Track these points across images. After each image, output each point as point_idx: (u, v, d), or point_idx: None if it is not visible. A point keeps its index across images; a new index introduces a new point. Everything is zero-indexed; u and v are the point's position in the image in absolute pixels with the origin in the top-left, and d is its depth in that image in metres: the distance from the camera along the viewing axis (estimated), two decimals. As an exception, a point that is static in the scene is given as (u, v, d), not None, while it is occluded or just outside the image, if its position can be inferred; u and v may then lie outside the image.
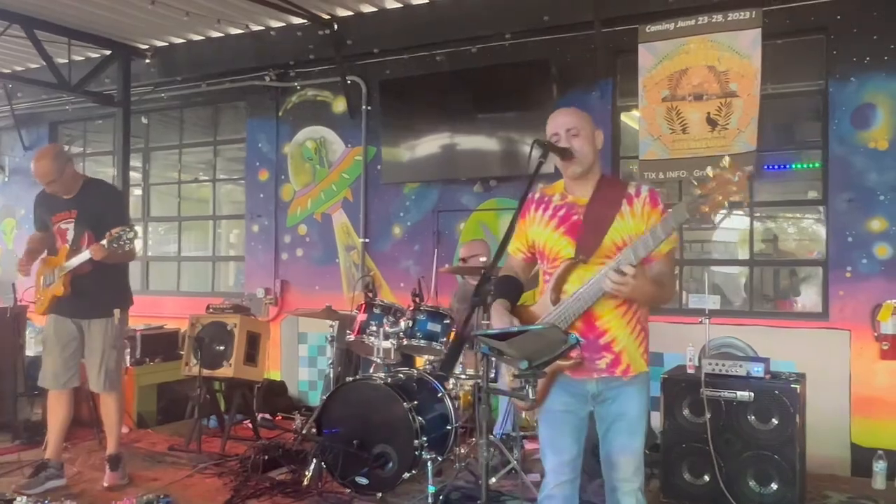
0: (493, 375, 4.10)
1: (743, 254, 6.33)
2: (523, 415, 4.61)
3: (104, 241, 4.18)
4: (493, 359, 2.33)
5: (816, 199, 5.63)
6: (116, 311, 4.50)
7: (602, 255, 2.55)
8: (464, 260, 5.35)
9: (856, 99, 5.15)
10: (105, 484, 4.48)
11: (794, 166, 5.80)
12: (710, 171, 2.26)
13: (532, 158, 2.49)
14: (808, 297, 6.12)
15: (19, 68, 7.99)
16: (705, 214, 2.30)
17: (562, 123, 2.69)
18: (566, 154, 2.64)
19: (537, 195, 2.76)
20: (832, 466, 4.95)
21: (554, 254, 2.65)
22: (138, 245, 4.48)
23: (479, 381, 2.11)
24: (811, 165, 5.63)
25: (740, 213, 6.00)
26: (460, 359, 4.02)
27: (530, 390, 2.14)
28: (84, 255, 4.28)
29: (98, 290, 4.42)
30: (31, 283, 4.79)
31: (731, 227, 6.52)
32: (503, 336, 2.01)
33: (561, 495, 2.68)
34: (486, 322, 2.17)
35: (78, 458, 5.02)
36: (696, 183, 2.33)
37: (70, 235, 4.46)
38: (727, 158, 2.29)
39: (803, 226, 7.12)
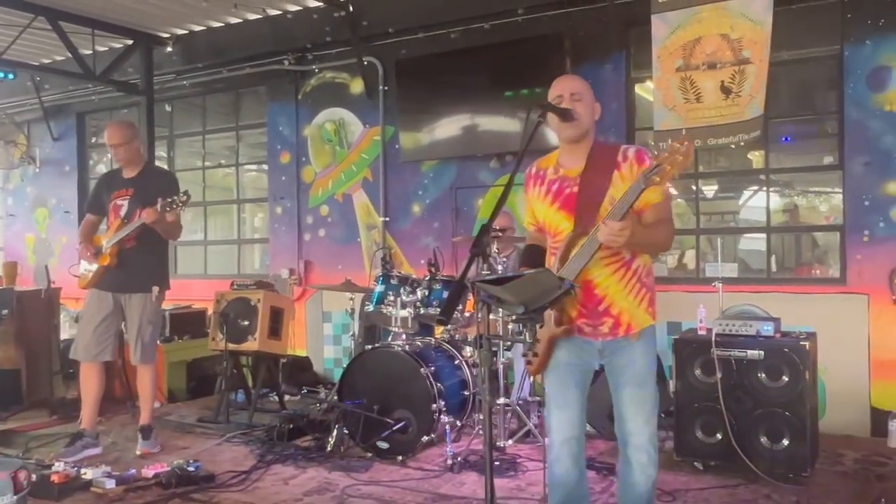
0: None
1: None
2: (538, 378, 4.70)
3: (157, 206, 4.43)
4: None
5: (833, 164, 5.61)
6: (155, 289, 4.69)
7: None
8: (502, 230, 5.30)
9: (871, 62, 5.13)
10: (138, 452, 4.67)
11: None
12: (670, 142, 2.38)
13: (529, 119, 2.55)
14: (828, 264, 6.11)
15: (46, 60, 8.22)
16: (658, 184, 2.42)
17: (566, 87, 2.73)
18: (567, 115, 2.66)
19: (534, 170, 2.83)
20: (852, 430, 4.98)
21: (553, 229, 2.72)
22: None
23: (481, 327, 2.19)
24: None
25: (762, 187, 5.98)
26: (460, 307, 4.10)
27: (527, 334, 2.23)
28: (136, 224, 4.51)
29: (140, 266, 4.64)
30: (65, 265, 5.00)
31: (758, 206, 6.50)
32: (499, 282, 2.10)
33: (569, 454, 2.71)
34: (487, 272, 2.25)
35: (112, 430, 5.22)
36: (654, 154, 2.46)
37: (124, 211, 4.69)
38: (683, 131, 2.40)
39: (821, 192, 7.08)
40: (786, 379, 3.93)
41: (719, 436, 4.04)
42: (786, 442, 3.91)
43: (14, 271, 6.64)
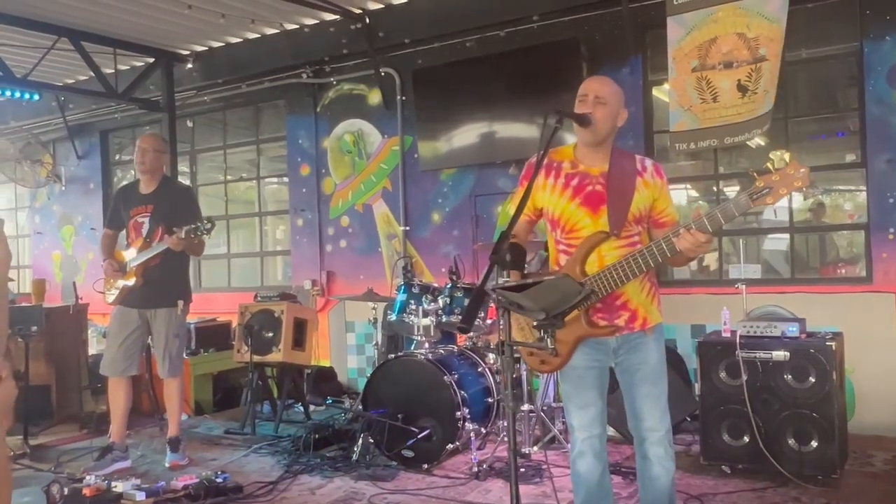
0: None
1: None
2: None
3: (181, 234, 4.47)
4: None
5: (855, 162, 5.55)
6: (180, 302, 4.76)
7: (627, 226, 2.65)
8: None
9: (891, 58, 5.08)
10: (167, 464, 4.73)
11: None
12: (770, 165, 2.33)
13: (547, 125, 2.55)
14: (853, 262, 6.04)
15: (70, 81, 8.36)
16: (767, 205, 2.37)
17: (594, 89, 2.72)
18: (583, 120, 2.67)
19: (545, 160, 2.75)
20: (882, 430, 4.90)
21: (572, 225, 2.70)
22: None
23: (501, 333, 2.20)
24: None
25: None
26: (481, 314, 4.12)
27: (549, 340, 2.24)
28: (160, 247, 4.57)
29: (165, 282, 4.71)
30: (91, 281, 5.08)
31: (780, 206, 6.45)
32: (519, 288, 2.11)
33: (591, 450, 2.74)
34: (506, 279, 2.27)
35: (141, 443, 5.29)
36: (756, 176, 2.37)
37: (145, 229, 4.75)
38: (787, 155, 2.36)
39: (845, 191, 7.01)
40: (812, 380, 3.88)
41: (746, 438, 4.01)
42: (814, 443, 3.87)
43: (43, 289, 6.75)
